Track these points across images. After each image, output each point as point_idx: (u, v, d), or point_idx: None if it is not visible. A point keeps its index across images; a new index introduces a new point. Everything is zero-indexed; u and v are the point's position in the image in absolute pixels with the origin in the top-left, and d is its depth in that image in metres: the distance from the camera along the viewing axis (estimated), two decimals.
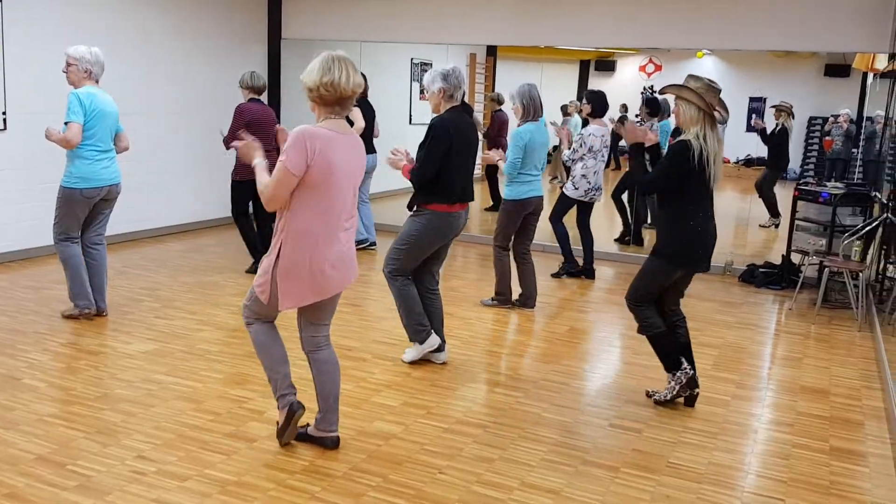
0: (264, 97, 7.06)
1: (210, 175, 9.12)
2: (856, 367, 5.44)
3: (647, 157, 4.43)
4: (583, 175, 7.15)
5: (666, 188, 4.23)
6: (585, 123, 7.45)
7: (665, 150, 4.37)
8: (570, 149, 7.18)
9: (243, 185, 6.76)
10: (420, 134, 4.76)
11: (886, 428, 4.41)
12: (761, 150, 9.93)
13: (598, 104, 7.07)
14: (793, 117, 9.39)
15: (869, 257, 7.10)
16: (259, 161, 3.48)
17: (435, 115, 4.80)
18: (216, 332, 5.46)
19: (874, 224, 6.89)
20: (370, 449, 3.79)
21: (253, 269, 6.97)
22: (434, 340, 4.92)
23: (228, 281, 6.87)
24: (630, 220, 9.27)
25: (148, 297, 6.21)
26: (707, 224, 4.28)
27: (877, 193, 7.66)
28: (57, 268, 6.01)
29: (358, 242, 8.37)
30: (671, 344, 4.46)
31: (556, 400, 4.57)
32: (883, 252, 7.03)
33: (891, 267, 6.73)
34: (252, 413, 4.15)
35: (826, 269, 6.76)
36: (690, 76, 4.23)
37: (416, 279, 4.91)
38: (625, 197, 9.28)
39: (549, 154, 6.39)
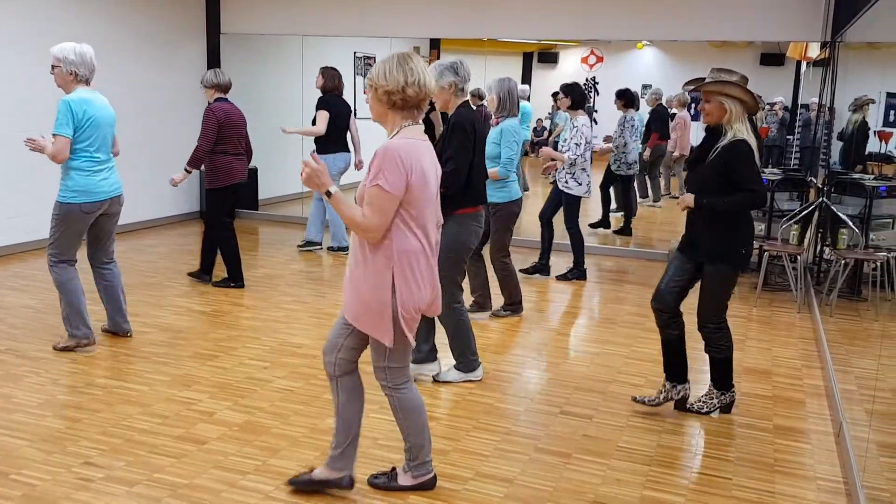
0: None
1: (149, 174, 8.93)
2: (796, 347, 5.60)
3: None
4: (582, 169, 6.93)
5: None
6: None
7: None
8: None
9: (223, 192, 6.35)
10: (363, 128, 4.64)
11: (826, 405, 4.55)
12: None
13: (577, 96, 6.90)
14: (761, 108, 9.57)
15: (806, 241, 7.30)
16: (336, 189, 2.94)
17: (443, 111, 4.50)
18: (161, 334, 5.36)
19: (810, 208, 7.10)
20: (322, 446, 3.76)
21: (224, 283, 6.58)
22: (479, 372, 4.71)
23: (172, 282, 6.74)
24: (608, 209, 9.68)
25: (88, 300, 6.03)
26: (752, 220, 4.17)
27: (812, 179, 7.89)
28: None
29: (308, 243, 8.20)
30: (732, 362, 4.26)
31: (507, 390, 4.60)
32: (819, 235, 7.25)
33: (827, 249, 6.94)
34: (201, 415, 4.09)
35: (765, 253, 6.94)
36: (719, 70, 3.95)
37: None
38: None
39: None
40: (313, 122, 7.55)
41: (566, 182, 6.96)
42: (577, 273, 7.36)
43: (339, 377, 3.24)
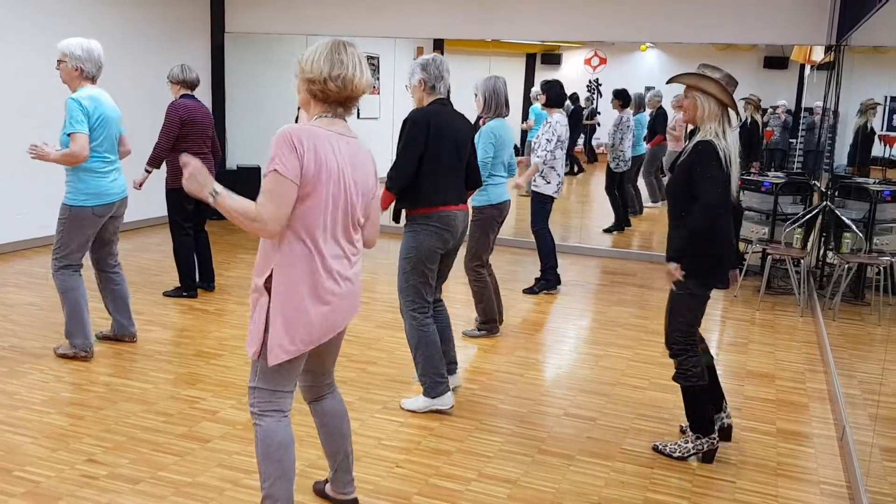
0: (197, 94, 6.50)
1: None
2: (799, 351, 5.60)
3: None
4: (552, 167, 6.59)
5: (723, 198, 3.53)
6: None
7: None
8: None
9: (181, 193, 5.92)
10: (366, 129, 4.51)
11: (830, 409, 4.55)
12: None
13: (554, 94, 6.64)
14: (759, 110, 9.59)
15: (809, 244, 7.30)
16: (219, 188, 2.52)
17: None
18: (165, 332, 5.37)
19: (814, 212, 7.09)
20: None
21: (175, 293, 6.24)
22: (449, 399, 4.23)
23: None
24: (621, 211, 9.68)
25: (92, 298, 6.05)
26: (731, 233, 3.74)
27: (816, 182, 7.89)
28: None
29: None
30: (709, 401, 3.82)
31: (511, 391, 4.60)
32: (823, 239, 7.24)
33: (830, 253, 6.93)
34: (205, 413, 4.10)
35: (769, 257, 6.94)
36: (705, 65, 3.67)
37: None
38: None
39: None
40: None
41: (534, 180, 6.66)
42: (545, 284, 6.89)
43: (312, 403, 3.03)
